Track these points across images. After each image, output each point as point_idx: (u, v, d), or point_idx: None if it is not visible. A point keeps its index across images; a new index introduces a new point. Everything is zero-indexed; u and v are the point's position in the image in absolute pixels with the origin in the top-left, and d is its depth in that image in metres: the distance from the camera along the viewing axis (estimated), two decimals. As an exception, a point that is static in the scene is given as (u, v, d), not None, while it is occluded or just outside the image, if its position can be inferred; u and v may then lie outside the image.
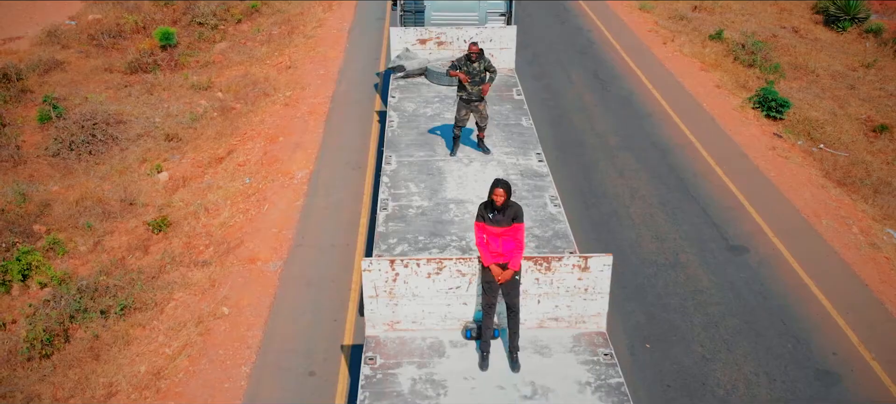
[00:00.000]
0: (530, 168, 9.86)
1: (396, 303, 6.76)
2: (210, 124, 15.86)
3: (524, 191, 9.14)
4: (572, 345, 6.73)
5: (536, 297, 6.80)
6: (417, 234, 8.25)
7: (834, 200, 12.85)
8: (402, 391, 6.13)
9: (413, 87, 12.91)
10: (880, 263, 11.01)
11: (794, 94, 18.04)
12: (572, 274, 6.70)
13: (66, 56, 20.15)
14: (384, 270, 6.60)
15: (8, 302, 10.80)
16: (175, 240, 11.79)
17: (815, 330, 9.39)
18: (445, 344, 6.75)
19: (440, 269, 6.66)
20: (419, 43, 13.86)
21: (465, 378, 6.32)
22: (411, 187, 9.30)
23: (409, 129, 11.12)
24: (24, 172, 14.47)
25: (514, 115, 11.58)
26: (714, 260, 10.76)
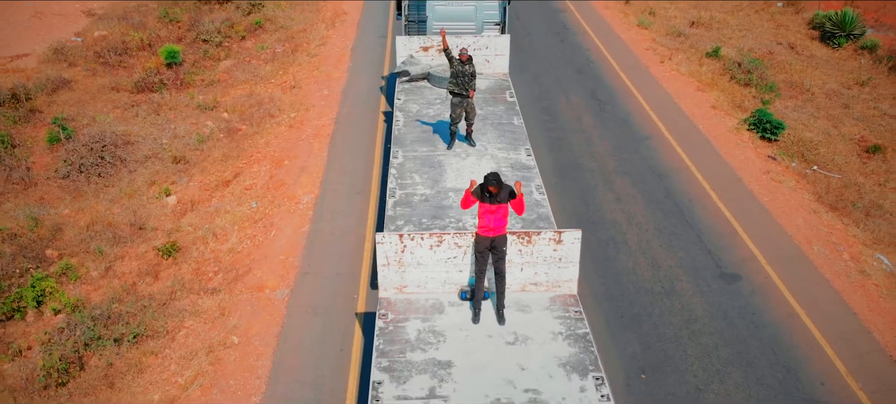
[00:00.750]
0: (519, 161, 11.38)
1: (404, 270, 8.20)
2: (216, 146, 16.19)
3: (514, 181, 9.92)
4: (548, 305, 8.19)
5: (520, 266, 8.22)
6: (421, 217, 9.76)
7: (826, 225, 13.19)
8: (409, 339, 7.64)
9: (417, 90, 14.36)
10: (869, 291, 11.35)
11: (789, 113, 18.38)
12: (549, 246, 8.13)
13: (73, 74, 20.47)
14: (394, 243, 8.03)
15: (23, 328, 11.14)
16: (184, 266, 12.13)
17: (804, 360, 9.73)
18: (445, 303, 8.19)
19: (440, 243, 8.10)
20: (422, 50, 15.24)
21: (460, 329, 7.78)
22: (416, 178, 10.82)
23: (413, 128, 12.62)
24: (34, 195, 14.80)
25: (507, 115, 13.04)
26: (708, 288, 11.10)
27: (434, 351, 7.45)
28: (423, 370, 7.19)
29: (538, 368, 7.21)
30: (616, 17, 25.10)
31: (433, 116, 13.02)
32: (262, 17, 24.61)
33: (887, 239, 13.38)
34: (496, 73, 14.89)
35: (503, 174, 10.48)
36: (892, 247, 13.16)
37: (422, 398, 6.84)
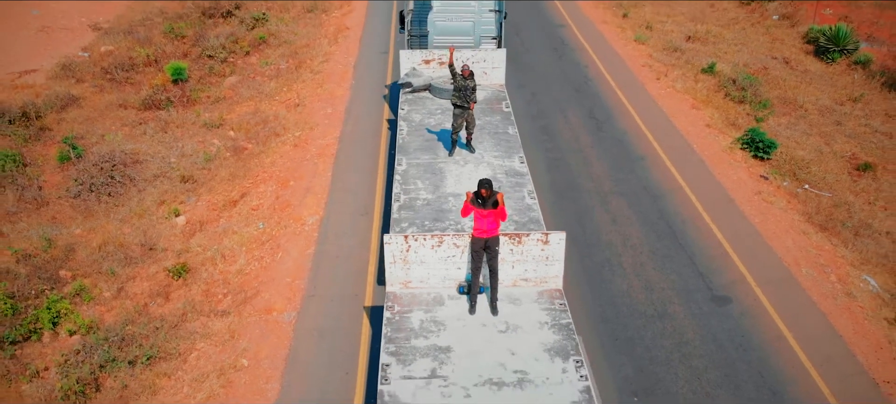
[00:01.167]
0: (513, 168, 12.25)
1: (408, 267, 9.15)
2: (223, 165, 16.62)
3: (508, 187, 11.55)
4: (536, 298, 9.12)
5: (511, 263, 9.15)
6: (424, 220, 10.68)
7: (814, 246, 13.62)
8: (413, 327, 8.58)
9: (419, 101, 15.23)
10: (855, 313, 11.78)
11: (782, 131, 18.80)
12: (537, 246, 9.08)
13: (81, 91, 20.89)
14: (400, 243, 8.99)
15: (39, 349, 11.57)
16: (194, 287, 12.56)
17: (790, 383, 10.16)
18: (444, 297, 9.18)
19: (440, 243, 9.09)
20: (424, 63, 16.15)
21: (458, 319, 8.75)
22: (418, 184, 11.75)
23: (416, 136, 13.52)
24: (46, 214, 15.22)
25: (502, 125, 13.91)
26: (699, 311, 11.53)
27: (435, 338, 8.41)
28: (425, 354, 8.13)
29: (526, 353, 8.16)
30: (613, 31, 25.53)
31: (434, 126, 13.92)
32: (266, 31, 25.03)
33: (875, 259, 13.81)
34: (493, 84, 15.84)
35: (498, 180, 11.54)
36: (879, 267, 13.59)
37: (424, 378, 7.78)
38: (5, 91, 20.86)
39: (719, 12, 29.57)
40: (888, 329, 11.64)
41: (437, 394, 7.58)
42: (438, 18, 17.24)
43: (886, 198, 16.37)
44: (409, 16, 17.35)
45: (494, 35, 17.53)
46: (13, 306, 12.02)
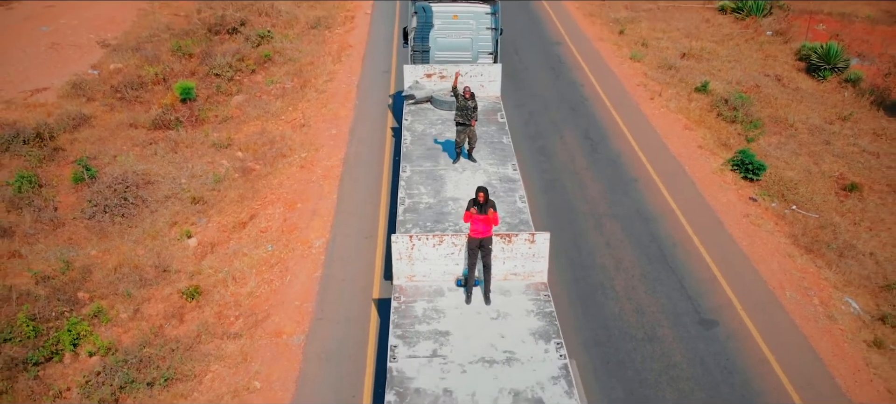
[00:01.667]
0: (507, 175, 13.60)
1: (413, 263, 10.47)
2: (232, 186, 17.24)
3: (501, 192, 12.88)
4: (524, 290, 10.44)
5: (503, 260, 10.45)
6: (426, 221, 12.00)
7: (799, 270, 14.24)
8: (417, 315, 9.91)
9: (421, 112, 16.56)
10: (835, 336, 12.41)
11: (772, 151, 19.42)
12: (525, 245, 10.39)
13: (92, 110, 21.50)
14: (405, 242, 10.32)
15: (61, 370, 12.17)
16: (207, 309, 13.18)
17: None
18: (444, 289, 10.48)
19: (441, 242, 10.42)
20: (426, 76, 17.42)
21: (456, 308, 10.09)
22: (421, 189, 13.04)
23: (418, 145, 14.84)
24: (63, 235, 15.83)
25: (498, 135, 15.26)
26: (687, 334, 12.15)
27: (436, 323, 9.73)
28: (427, 337, 9.46)
29: (514, 336, 9.48)
30: (610, 49, 26.14)
31: (436, 135, 15.24)
32: (271, 49, 25.64)
33: (857, 280, 14.44)
34: (489, 96, 17.22)
35: (493, 186, 12.94)
36: (861, 288, 14.22)
37: (426, 357, 9.09)
38: (18, 110, 21.47)
39: (714, 28, 30.20)
40: (866, 351, 12.26)
41: (438, 371, 8.86)
42: (439, 35, 18.44)
43: (871, 218, 16.99)
44: (412, 33, 18.45)
45: (491, 50, 18.67)
46: (35, 328, 12.62)
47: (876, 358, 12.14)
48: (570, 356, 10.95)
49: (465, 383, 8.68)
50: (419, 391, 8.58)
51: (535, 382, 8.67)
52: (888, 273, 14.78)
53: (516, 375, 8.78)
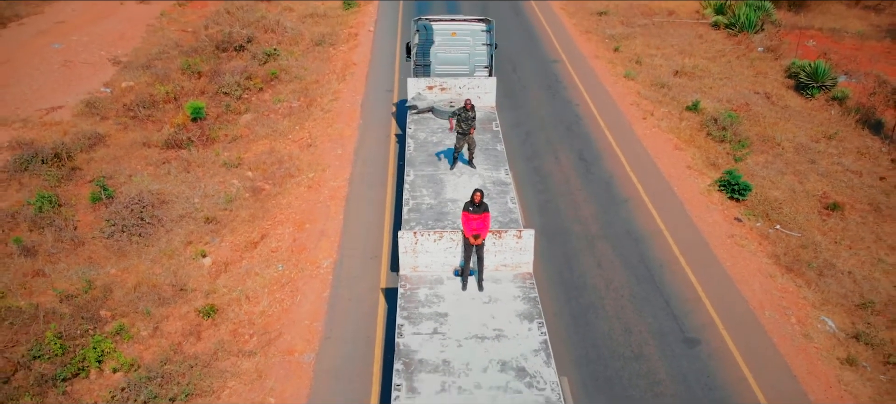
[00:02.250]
0: (499, 179, 15.44)
1: (417, 255, 12.23)
2: (243, 206, 18.11)
3: (495, 194, 14.71)
4: (512, 279, 12.18)
5: (494, 253, 12.17)
6: (428, 219, 13.80)
7: (779, 289, 15.11)
8: (420, 299, 11.69)
9: (423, 121, 18.31)
10: (810, 354, 13.28)
11: (759, 170, 20.29)
12: (513, 240, 12.12)
13: (106, 128, 22.37)
14: (410, 238, 12.12)
15: (87, 385, 13.04)
16: (223, 327, 14.05)
17: (747, 420, 11.65)
18: (444, 277, 12.24)
19: (441, 238, 12.18)
20: (427, 88, 19.07)
21: (453, 294, 11.83)
22: (423, 191, 14.83)
23: (421, 152, 16.62)
24: (83, 254, 16.70)
25: (492, 142, 17.07)
26: (671, 352, 13.02)
27: (436, 307, 11.50)
28: (429, 318, 11.23)
29: (503, 317, 11.23)
30: (604, 67, 27.00)
31: (436, 143, 16.95)
32: (277, 67, 26.51)
33: (835, 299, 15.32)
34: (485, 106, 18.94)
35: (487, 189, 14.55)
36: (838, 307, 15.09)
37: (428, 334, 10.91)
38: (35, 129, 22.36)
39: (708, 44, 31.05)
40: (839, 368, 13.14)
41: (438, 345, 10.62)
42: (439, 51, 20.14)
43: (852, 237, 17.86)
44: (414, 48, 20.04)
45: (486, 65, 20.43)
46: (62, 345, 13.49)
47: (848, 375, 13.01)
48: (562, 373, 11.87)
49: (461, 355, 10.42)
50: (422, 361, 10.32)
51: (520, 354, 10.43)
52: (865, 291, 15.65)
53: (504, 349, 10.52)
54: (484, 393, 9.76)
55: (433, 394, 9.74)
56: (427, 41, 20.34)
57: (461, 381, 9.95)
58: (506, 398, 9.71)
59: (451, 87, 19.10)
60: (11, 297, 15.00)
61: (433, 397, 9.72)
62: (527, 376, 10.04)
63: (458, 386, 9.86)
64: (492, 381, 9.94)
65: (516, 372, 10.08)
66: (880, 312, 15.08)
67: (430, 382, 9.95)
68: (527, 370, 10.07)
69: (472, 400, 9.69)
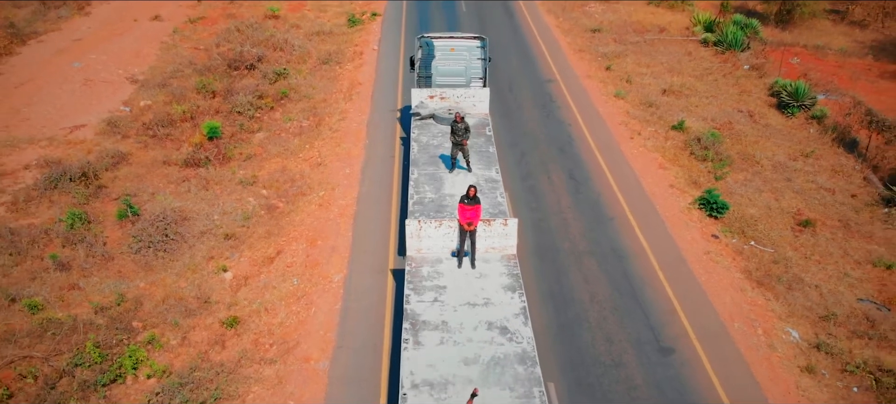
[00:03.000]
0: (491, 177, 17.99)
1: (421, 240, 14.77)
2: (259, 223, 19.63)
3: (486, 189, 17.18)
4: (499, 259, 14.75)
5: (484, 237, 14.71)
6: (430, 210, 16.44)
7: (748, 303, 16.63)
8: (424, 275, 14.19)
9: (426, 126, 20.85)
10: (773, 363, 14.80)
11: (737, 189, 21.79)
12: (500, 227, 14.72)
13: (128, 147, 23.87)
14: (415, 225, 14.68)
15: (124, 390, 14.56)
16: (245, 337, 15.57)
17: (713, 422, 13.17)
18: (443, 258, 14.77)
19: (440, 225, 14.73)
20: (429, 98, 21.53)
21: (450, 271, 14.34)
22: (426, 188, 17.49)
23: (423, 153, 19.21)
24: (113, 268, 18.22)
25: (485, 145, 19.60)
26: (647, 361, 14.54)
27: (437, 281, 14.06)
28: (431, 289, 13.76)
29: (491, 289, 13.81)
30: (596, 86, 28.51)
31: (437, 146, 19.52)
32: (287, 86, 28.02)
33: (801, 311, 16.83)
34: (479, 113, 21.46)
35: (480, 185, 17.06)
36: (803, 319, 16.61)
37: (430, 301, 13.45)
38: (61, 147, 23.87)
39: (696, 62, 32.53)
40: (799, 376, 14.66)
41: (438, 310, 13.23)
42: (440, 64, 22.79)
43: (822, 252, 19.37)
44: (418, 62, 22.52)
45: (481, 76, 22.85)
46: (101, 354, 15.03)
47: (806, 381, 14.53)
48: (549, 379, 13.41)
49: (456, 317, 13.02)
50: (425, 322, 12.91)
51: (503, 317, 12.98)
52: (829, 304, 17.16)
53: (490, 313, 13.08)
54: (474, 345, 12.27)
55: (434, 346, 12.29)
56: (429, 55, 22.82)
57: (456, 337, 12.48)
58: (491, 349, 12.17)
59: (450, 97, 21.58)
60: (50, 309, 16.52)
61: (434, 348, 12.25)
62: (508, 333, 12.58)
63: (453, 341, 12.41)
64: (480, 337, 12.46)
65: (500, 330, 12.64)
66: (842, 323, 16.57)
67: (432, 337, 12.49)
68: (508, 329, 12.66)
69: (465, 350, 12.16)
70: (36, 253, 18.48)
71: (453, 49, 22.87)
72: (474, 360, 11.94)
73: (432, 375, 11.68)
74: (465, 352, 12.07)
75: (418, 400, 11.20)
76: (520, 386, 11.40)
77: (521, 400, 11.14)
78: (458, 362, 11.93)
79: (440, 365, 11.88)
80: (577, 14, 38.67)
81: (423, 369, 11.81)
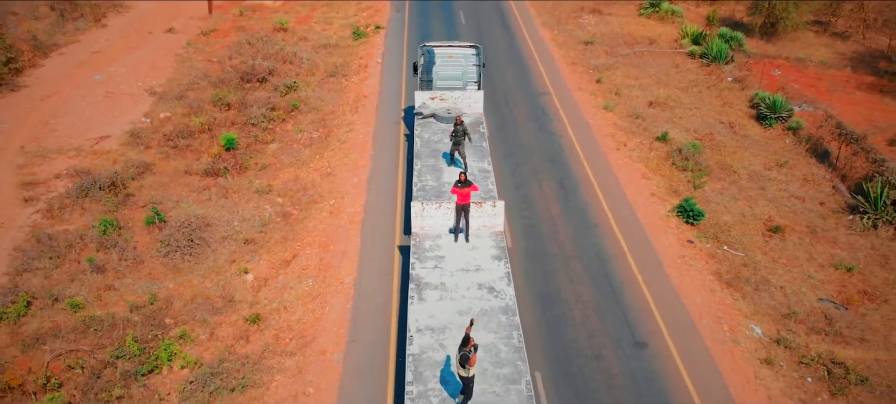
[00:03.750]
0: (483, 167, 20.94)
1: (423, 219, 17.76)
2: (276, 229, 21.53)
3: (480, 178, 20.15)
4: (489, 235, 17.72)
5: (476, 217, 17.67)
6: (431, 195, 19.40)
7: (717, 302, 18.54)
8: (426, 247, 17.32)
9: (428, 124, 23.74)
10: (736, 356, 16.71)
11: (714, 197, 23.67)
12: (490, 208, 17.67)
13: (151, 157, 25.75)
14: (419, 206, 17.70)
15: (161, 380, 16.45)
16: (267, 332, 17.48)
17: (679, 406, 15.10)
18: (441, 233, 17.78)
19: (440, 207, 17.69)
20: (430, 99, 24.43)
21: (448, 244, 17.46)
22: (427, 177, 20.50)
23: (425, 148, 22.18)
24: (144, 271, 20.11)
25: (479, 141, 22.39)
26: (624, 354, 16.44)
27: (437, 252, 17.20)
28: (432, 258, 16.92)
29: (481, 258, 16.96)
30: (586, 99, 30.38)
31: (437, 141, 22.44)
32: (297, 98, 29.89)
33: (765, 310, 18.72)
34: (474, 113, 24.37)
35: (473, 174, 20.05)
36: (766, 317, 18.50)
37: (431, 267, 16.58)
38: (88, 158, 25.75)
39: (682, 74, 34.35)
40: (758, 367, 16.56)
41: (438, 274, 16.39)
42: (440, 69, 25.62)
43: (789, 256, 21.25)
44: (420, 68, 25.34)
45: (476, 80, 25.69)
46: (139, 347, 16.93)
47: (764, 372, 16.44)
48: (536, 369, 15.31)
49: (452, 280, 16.24)
50: (427, 283, 16.13)
51: (491, 279, 16.19)
52: (792, 303, 19.06)
53: (480, 276, 16.31)
54: (466, 300, 15.52)
55: (434, 302, 15.54)
56: (430, 62, 25.59)
57: (452, 295, 15.74)
58: (480, 303, 15.43)
59: (449, 98, 24.45)
60: (90, 308, 18.44)
61: (434, 303, 15.51)
62: (494, 292, 15.80)
63: (450, 298, 15.65)
64: (472, 295, 15.70)
65: (488, 290, 15.87)
66: (802, 321, 18.47)
67: (433, 295, 15.76)
68: (494, 288, 15.93)
69: (459, 305, 15.41)
70: (73, 256, 20.36)
71: (452, 56, 25.65)
72: (466, 312, 15.01)
73: (433, 322, 14.83)
74: (459, 306, 15.26)
75: (422, 340, 14.34)
76: (502, 330, 14.61)
77: (504, 340, 14.36)
78: (453, 313, 15.03)
79: (439, 315, 15.03)
80: (572, 26, 40.52)
81: (425, 318, 14.94)
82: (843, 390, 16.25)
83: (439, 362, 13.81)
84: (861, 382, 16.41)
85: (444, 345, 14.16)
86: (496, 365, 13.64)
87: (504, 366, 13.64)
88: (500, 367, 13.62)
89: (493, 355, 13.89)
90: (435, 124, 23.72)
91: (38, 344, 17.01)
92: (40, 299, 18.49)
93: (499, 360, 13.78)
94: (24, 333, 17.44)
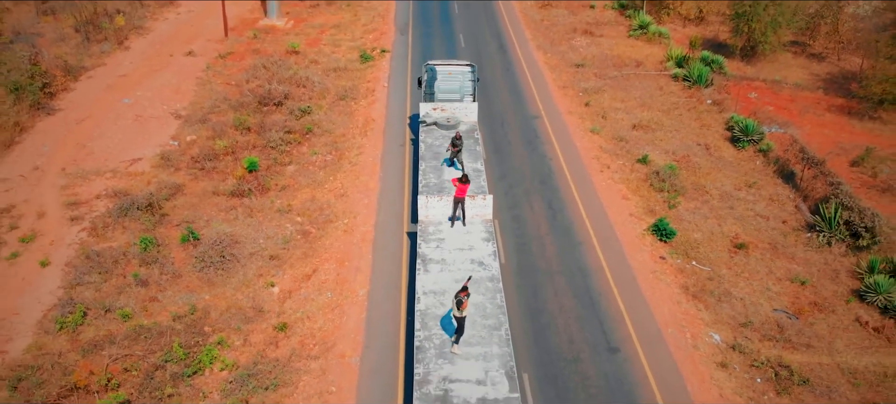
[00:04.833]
0: (477, 168, 24.85)
1: (428, 209, 21.92)
2: (297, 246, 24.37)
3: (474, 177, 23.67)
4: (481, 222, 21.84)
5: (470, 207, 21.79)
6: (433, 190, 23.39)
7: (682, 312, 21.38)
8: (430, 232, 21.49)
9: (431, 131, 27.64)
10: (695, 359, 19.54)
11: (687, 216, 26.48)
12: (481, 200, 21.83)
13: (181, 179, 28.55)
14: (424, 199, 21.79)
15: (204, 380, 19.28)
16: (293, 339, 20.32)
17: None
18: (442, 221, 21.89)
19: (441, 199, 21.87)
20: (433, 109, 28.59)
21: (448, 230, 21.62)
22: (430, 176, 24.55)
23: (429, 151, 26.14)
24: (182, 284, 22.94)
25: (473, 146, 26.41)
26: (598, 358, 19.28)
27: (439, 235, 21.26)
28: (435, 240, 20.99)
29: (474, 240, 21.05)
30: (575, 122, 33.20)
31: (439, 146, 26.33)
32: (311, 122, 32.70)
33: (725, 319, 21.54)
34: (469, 121, 28.37)
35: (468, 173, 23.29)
36: (726, 326, 21.32)
37: (434, 247, 20.70)
38: (123, 179, 28.56)
39: (665, 96, 37.13)
40: (714, 370, 19.39)
41: (439, 251, 20.38)
42: (441, 84, 29.68)
43: (751, 270, 24.06)
44: (424, 82, 29.44)
45: (471, 93, 29.84)
46: (184, 352, 19.77)
47: (719, 374, 19.27)
48: (524, 370, 18.14)
49: (451, 256, 20.26)
50: (431, 259, 20.10)
51: (481, 256, 20.28)
52: (749, 313, 21.88)
53: (473, 254, 20.34)
54: (461, 272, 19.44)
55: (436, 273, 19.61)
56: (432, 77, 29.80)
57: (451, 267, 19.81)
58: (472, 273, 19.17)
59: (448, 109, 28.57)
60: (138, 318, 21.28)
61: (437, 274, 19.56)
62: (484, 265, 19.95)
63: (449, 270, 19.72)
64: (466, 268, 19.70)
65: (478, 264, 19.97)
66: (757, 329, 21.28)
67: (436, 268, 19.81)
68: (484, 263, 20.08)
69: (456, 275, 19.38)
70: (119, 271, 23.19)
71: (451, 73, 29.92)
72: (461, 279, 18.75)
73: (435, 287, 19.05)
74: (455, 276, 19.43)
75: (427, 300, 18.58)
76: (488, 293, 18.83)
77: (490, 300, 18.58)
78: (451, 281, 19.16)
79: (440, 282, 19.22)
80: (564, 48, 43.32)
81: (430, 285, 19.14)
82: (787, 390, 19.04)
83: (440, 315, 18.02)
84: (803, 383, 19.20)
85: (443, 304, 18.36)
86: (483, 318, 17.89)
87: (489, 318, 17.90)
88: (486, 319, 17.90)
89: (481, 310, 18.09)
90: (437, 131, 27.67)
91: (96, 350, 19.82)
92: (94, 310, 21.30)
93: (485, 314, 18.03)
94: (83, 340, 20.26)
